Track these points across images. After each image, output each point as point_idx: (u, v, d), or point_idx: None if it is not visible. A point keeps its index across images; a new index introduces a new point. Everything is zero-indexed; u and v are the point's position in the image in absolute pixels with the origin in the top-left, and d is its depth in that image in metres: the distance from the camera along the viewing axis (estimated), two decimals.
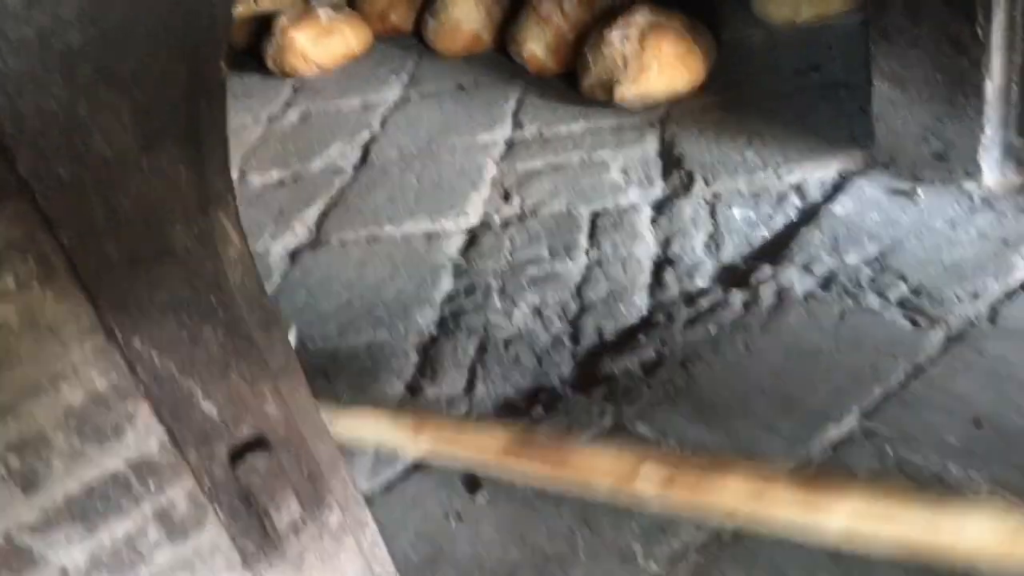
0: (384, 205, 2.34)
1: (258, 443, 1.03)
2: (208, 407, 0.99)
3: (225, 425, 1.01)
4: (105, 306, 0.90)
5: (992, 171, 1.76)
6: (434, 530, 1.38)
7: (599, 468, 1.28)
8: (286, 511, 1.03)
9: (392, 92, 2.97)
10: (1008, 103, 1.69)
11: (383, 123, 2.79)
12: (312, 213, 2.36)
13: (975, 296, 1.53)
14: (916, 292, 1.57)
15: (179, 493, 1.03)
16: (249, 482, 1.01)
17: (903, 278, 1.61)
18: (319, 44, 3.14)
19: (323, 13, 3.21)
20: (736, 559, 1.22)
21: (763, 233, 1.86)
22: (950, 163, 1.80)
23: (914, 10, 1.72)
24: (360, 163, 2.59)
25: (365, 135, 2.74)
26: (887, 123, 1.88)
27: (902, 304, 1.56)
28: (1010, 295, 1.52)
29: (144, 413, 0.98)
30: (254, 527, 1.07)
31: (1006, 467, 1.21)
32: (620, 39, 2.40)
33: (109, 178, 0.85)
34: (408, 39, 3.30)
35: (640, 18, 2.41)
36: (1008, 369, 1.38)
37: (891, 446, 1.30)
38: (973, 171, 1.77)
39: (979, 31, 1.62)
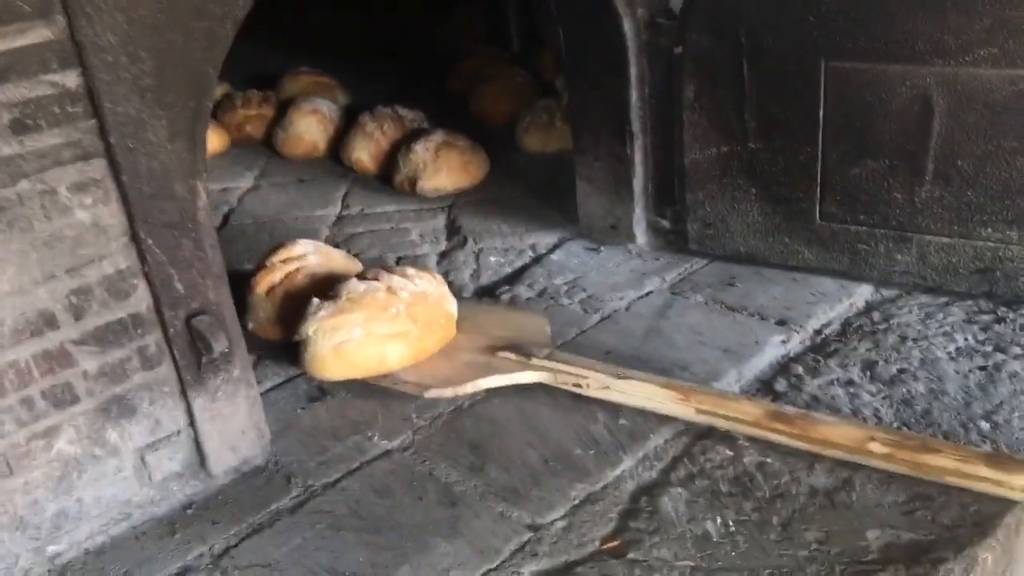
0: (243, 252, 3.16)
1: (201, 312, 1.84)
2: (178, 286, 1.80)
3: (186, 299, 1.81)
4: (135, 219, 1.71)
5: (641, 236, 2.87)
6: (286, 416, 2.19)
7: (836, 438, 1.78)
8: (220, 342, 1.82)
9: (246, 181, 3.85)
10: (648, 195, 2.82)
11: (239, 200, 3.65)
12: None
13: (621, 298, 2.58)
14: (590, 296, 2.60)
15: (152, 340, 1.81)
16: (200, 328, 1.81)
17: (584, 290, 2.64)
18: None
19: None
20: (471, 416, 2.11)
21: (507, 270, 2.86)
22: (619, 232, 2.89)
23: (595, 138, 2.84)
24: (221, 226, 3.41)
25: (225, 208, 3.57)
26: (584, 208, 2.98)
27: (580, 302, 2.58)
28: (639, 298, 2.58)
29: (142, 286, 1.77)
30: (192, 366, 1.85)
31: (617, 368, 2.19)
32: (422, 149, 3.44)
33: (152, 151, 1.69)
34: (259, 146, 4.21)
35: (437, 137, 3.48)
36: (629, 329, 2.41)
37: None
38: (631, 236, 2.87)
39: (628, 151, 2.76)
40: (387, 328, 2.18)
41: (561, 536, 1.73)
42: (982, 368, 2.06)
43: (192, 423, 1.91)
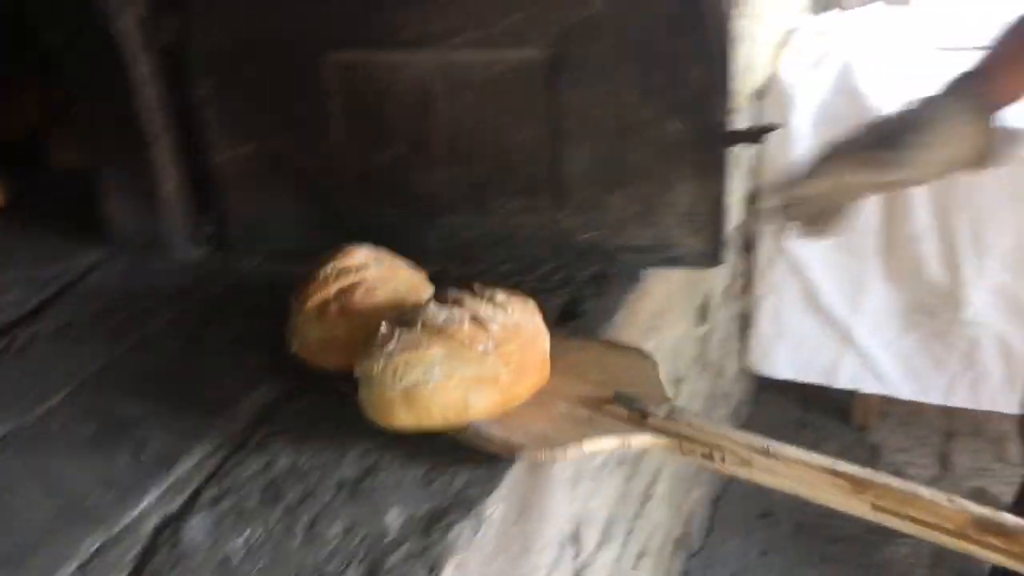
0: None
1: None
2: None
3: None
4: None
5: (183, 246, 2.69)
6: None
7: None
8: None
9: None
10: (183, 201, 2.65)
11: None
12: None
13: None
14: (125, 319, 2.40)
15: None
16: None
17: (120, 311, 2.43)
18: None
19: None
20: None
21: (32, 304, 2.53)
22: (159, 243, 2.69)
23: (114, 146, 2.61)
24: None
25: None
26: (118, 223, 2.72)
27: (112, 329, 2.36)
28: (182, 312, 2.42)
29: None
30: None
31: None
32: None
33: None
34: None
35: None
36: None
37: None
38: (173, 247, 2.68)
39: (151, 157, 2.56)
40: (473, 370, 1.68)
41: None
42: None
43: None
